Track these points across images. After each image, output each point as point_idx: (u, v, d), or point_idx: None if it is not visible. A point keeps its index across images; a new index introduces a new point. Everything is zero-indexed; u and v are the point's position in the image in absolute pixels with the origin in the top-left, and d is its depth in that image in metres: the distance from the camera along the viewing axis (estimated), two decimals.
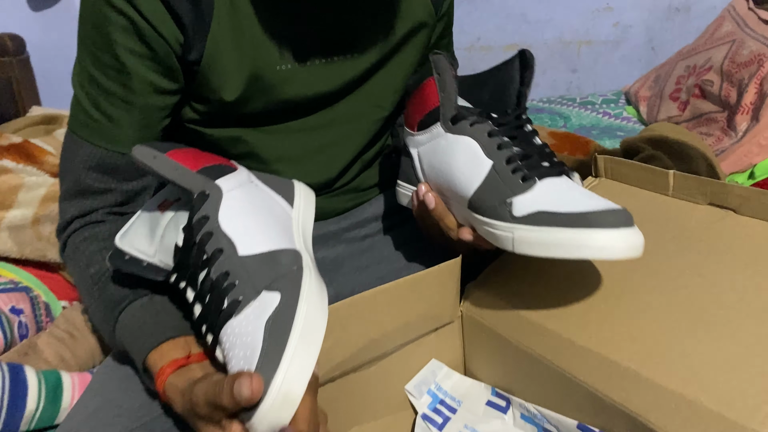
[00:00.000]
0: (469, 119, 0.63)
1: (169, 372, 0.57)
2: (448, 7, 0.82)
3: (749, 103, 1.29)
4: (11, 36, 1.75)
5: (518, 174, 0.59)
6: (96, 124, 0.66)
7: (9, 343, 0.89)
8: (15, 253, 0.98)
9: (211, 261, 0.52)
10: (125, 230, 0.60)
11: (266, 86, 0.70)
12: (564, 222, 0.55)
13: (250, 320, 0.49)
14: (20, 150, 1.11)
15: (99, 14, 0.63)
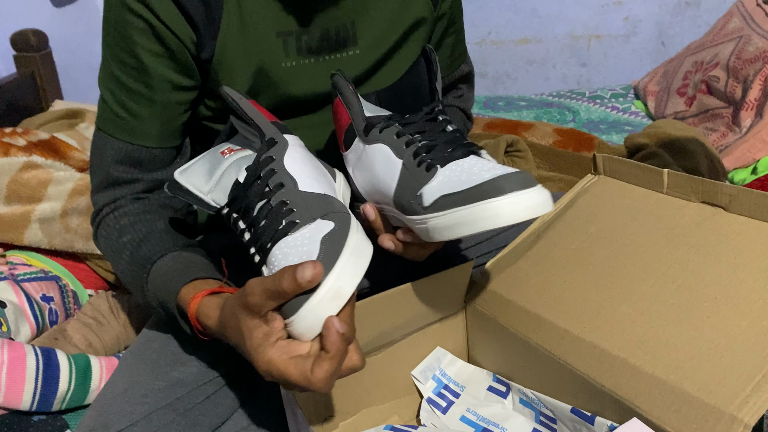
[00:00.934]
0: (377, 126, 0.64)
1: (201, 297, 0.61)
2: (451, 5, 0.83)
3: (754, 99, 1.31)
4: (34, 32, 1.80)
5: (423, 165, 0.59)
6: (121, 121, 0.72)
7: (41, 329, 0.95)
8: (45, 244, 1.03)
9: (272, 192, 0.58)
10: (185, 168, 0.65)
11: (272, 82, 0.74)
12: (463, 200, 0.55)
13: (306, 237, 0.54)
14: (48, 146, 1.16)
15: (119, 18, 0.68)
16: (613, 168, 0.79)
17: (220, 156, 0.64)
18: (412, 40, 0.79)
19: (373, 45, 0.77)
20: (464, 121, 0.95)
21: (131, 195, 0.74)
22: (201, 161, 0.65)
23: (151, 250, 0.69)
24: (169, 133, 0.74)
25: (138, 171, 0.74)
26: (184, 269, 0.66)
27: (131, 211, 0.73)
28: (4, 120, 1.66)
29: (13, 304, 0.92)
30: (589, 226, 0.74)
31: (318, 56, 0.75)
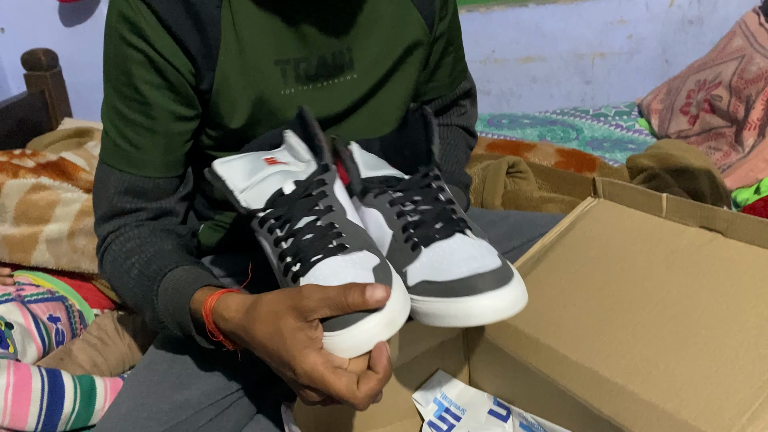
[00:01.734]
0: (373, 191, 0.65)
1: (220, 294, 0.62)
2: (448, 26, 0.84)
3: (756, 119, 1.32)
4: (45, 51, 1.82)
5: (409, 243, 0.61)
6: (124, 153, 0.73)
7: (47, 349, 0.96)
8: (52, 264, 1.04)
9: (322, 212, 0.60)
10: (226, 160, 0.66)
11: (272, 110, 0.75)
12: (441, 292, 0.57)
13: (356, 262, 0.57)
14: (56, 167, 1.18)
15: (119, 53, 0.70)
16: (613, 192, 0.79)
17: (263, 162, 0.65)
18: (408, 62, 0.81)
19: (369, 69, 0.78)
20: (466, 140, 0.95)
21: (135, 222, 0.75)
22: (243, 160, 0.66)
23: (161, 265, 0.70)
24: (172, 162, 0.75)
25: (142, 201, 0.75)
26: (197, 277, 0.67)
27: (137, 235, 0.74)
28: (15, 137, 1.68)
29: (20, 326, 0.93)
30: (589, 250, 0.75)
31: (316, 82, 0.76)
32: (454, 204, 0.65)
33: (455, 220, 0.62)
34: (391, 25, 0.78)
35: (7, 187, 1.08)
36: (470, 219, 0.65)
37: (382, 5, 0.76)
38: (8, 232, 1.06)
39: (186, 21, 0.68)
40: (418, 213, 0.62)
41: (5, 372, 0.80)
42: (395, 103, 0.82)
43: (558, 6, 1.93)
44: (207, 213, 0.87)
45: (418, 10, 0.79)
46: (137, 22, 0.68)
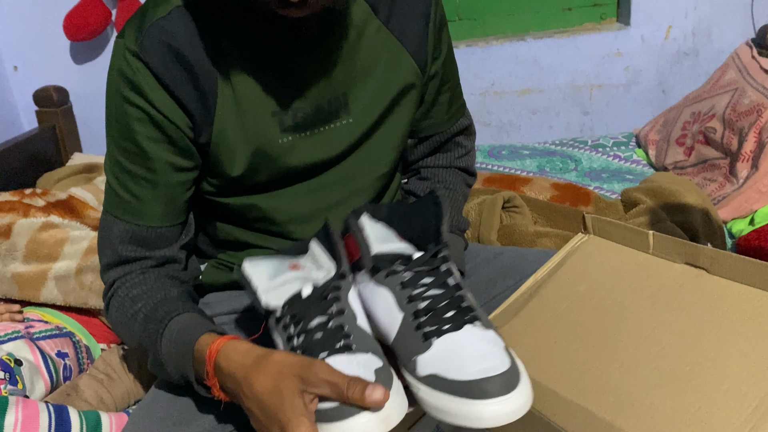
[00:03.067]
0: (384, 271, 0.66)
1: (227, 339, 0.65)
2: (443, 65, 0.87)
3: (749, 151, 1.34)
4: (56, 88, 1.87)
5: (420, 332, 0.63)
6: (126, 204, 0.76)
7: (55, 385, 0.99)
8: (60, 300, 1.08)
9: (333, 315, 0.64)
10: (255, 260, 0.71)
11: (270, 158, 0.78)
12: (452, 390, 0.59)
13: (360, 363, 0.61)
14: (65, 205, 1.22)
15: (119, 110, 0.74)
16: (602, 228, 0.81)
17: (287, 268, 0.70)
18: (402, 105, 0.84)
19: (364, 113, 0.81)
20: (466, 180, 0.97)
21: (140, 269, 0.78)
22: (269, 263, 0.71)
23: (168, 309, 0.73)
24: (173, 212, 0.78)
25: (145, 249, 0.78)
26: (204, 322, 0.71)
27: (143, 281, 0.77)
28: (26, 172, 1.72)
29: (29, 362, 0.96)
30: (579, 286, 0.77)
31: (313, 129, 0.79)
32: (462, 289, 0.67)
33: (465, 308, 0.64)
34: (384, 70, 0.81)
35: (18, 226, 1.12)
36: (478, 305, 0.67)
37: (375, 52, 0.80)
38: (18, 269, 1.09)
39: (182, 78, 0.72)
40: (429, 298, 0.64)
41: (14, 409, 0.83)
42: (391, 144, 0.85)
43: (555, 39, 1.97)
44: (211, 252, 0.90)
45: (410, 54, 0.82)
46: (136, 80, 0.71)
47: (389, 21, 0.80)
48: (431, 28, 0.83)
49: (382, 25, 0.80)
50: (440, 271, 0.67)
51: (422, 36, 0.82)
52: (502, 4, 2.04)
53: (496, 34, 2.05)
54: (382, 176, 0.87)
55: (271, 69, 0.76)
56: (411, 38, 0.82)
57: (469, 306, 0.65)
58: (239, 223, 0.84)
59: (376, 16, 0.80)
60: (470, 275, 0.91)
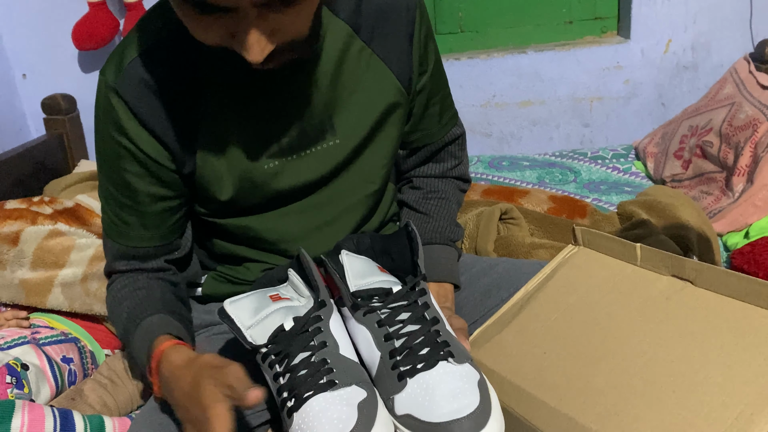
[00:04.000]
0: (362, 309, 0.69)
1: (165, 347, 0.72)
2: (430, 79, 0.88)
3: (745, 165, 1.36)
4: (64, 96, 1.90)
5: (395, 371, 0.65)
6: (117, 228, 0.82)
7: (60, 389, 1.01)
8: (66, 307, 1.10)
9: (316, 348, 0.66)
10: (236, 300, 0.73)
11: (257, 184, 0.81)
12: (425, 431, 0.62)
13: (344, 398, 0.63)
14: (72, 213, 1.25)
15: (106, 146, 0.78)
16: (592, 240, 0.84)
17: (268, 299, 0.73)
18: (388, 123, 0.85)
19: (350, 133, 0.82)
20: (459, 187, 0.99)
21: (134, 274, 0.83)
22: (250, 298, 0.73)
23: (143, 310, 0.79)
24: (160, 234, 0.83)
25: (137, 263, 0.83)
26: (167, 324, 0.77)
27: (133, 281, 0.83)
28: (34, 178, 1.75)
29: (35, 367, 0.98)
30: (569, 297, 0.79)
31: (299, 152, 0.81)
32: (439, 322, 0.69)
33: (440, 343, 0.66)
34: (368, 90, 0.82)
35: (26, 234, 1.15)
36: (453, 338, 0.69)
37: (358, 72, 0.81)
38: (26, 276, 1.11)
39: (160, 113, 0.75)
40: (405, 336, 0.67)
41: (20, 412, 0.85)
42: (379, 162, 0.86)
43: (556, 52, 2.00)
44: (210, 264, 0.92)
45: (394, 74, 0.83)
46: (116, 117, 0.75)
47: (372, 41, 0.81)
48: (416, 45, 0.83)
49: (364, 45, 0.81)
50: (417, 306, 0.69)
51: (406, 54, 0.83)
52: (504, 16, 2.06)
53: (498, 47, 2.08)
54: (373, 193, 0.89)
55: (252, 97, 0.77)
56: (394, 57, 0.82)
57: (445, 341, 0.67)
58: (235, 240, 0.87)
59: (357, 37, 0.80)
60: (466, 287, 0.93)
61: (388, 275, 0.74)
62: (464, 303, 0.91)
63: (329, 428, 0.60)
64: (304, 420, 0.62)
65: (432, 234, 0.91)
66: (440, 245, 0.91)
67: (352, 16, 0.80)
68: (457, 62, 2.02)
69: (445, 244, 0.91)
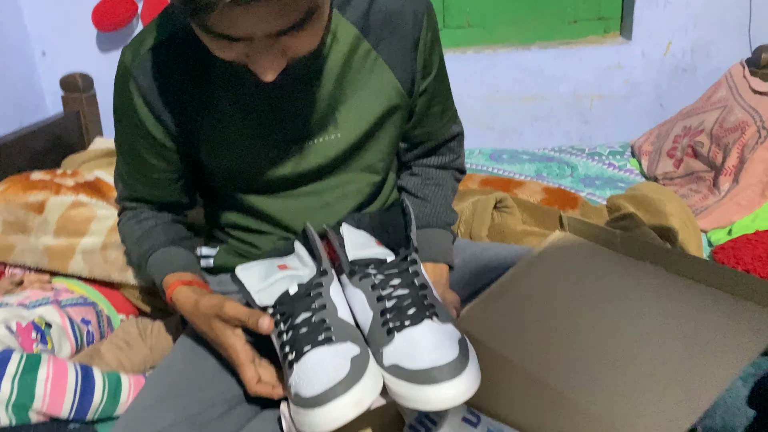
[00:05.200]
0: (358, 274, 0.76)
1: (177, 284, 0.85)
2: (433, 81, 0.93)
3: (732, 166, 1.43)
4: (81, 75, 1.97)
5: (385, 327, 0.72)
6: (124, 179, 0.94)
7: (79, 348, 1.09)
8: (86, 273, 1.17)
9: (316, 310, 0.73)
10: (246, 266, 0.83)
11: (259, 169, 0.88)
12: (408, 378, 0.68)
13: (339, 352, 0.70)
14: (93, 186, 1.32)
15: (118, 113, 0.87)
16: (577, 227, 0.91)
17: (276, 268, 0.80)
18: (388, 123, 0.90)
19: (351, 129, 0.88)
20: (455, 177, 1.05)
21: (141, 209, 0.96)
22: (260, 266, 0.82)
23: (149, 246, 0.92)
24: (162, 194, 0.94)
25: (144, 204, 0.95)
26: (168, 263, 0.89)
27: (137, 215, 0.95)
28: (51, 154, 1.82)
29: (57, 326, 1.05)
30: (553, 277, 0.86)
31: (302, 143, 0.87)
32: (427, 288, 0.76)
33: (425, 305, 0.73)
34: (371, 90, 0.87)
35: (51, 203, 1.22)
36: (439, 302, 0.76)
37: (363, 73, 0.86)
38: (49, 243, 1.19)
39: (168, 99, 0.82)
40: (395, 298, 0.74)
41: (46, 365, 0.92)
42: (379, 156, 0.92)
43: (559, 50, 2.06)
44: (221, 236, 0.99)
45: (397, 78, 0.88)
46: (130, 98, 0.83)
47: (378, 44, 0.86)
48: (421, 50, 0.88)
49: (371, 48, 0.86)
50: (408, 273, 0.76)
51: (410, 59, 0.88)
52: (511, 13, 2.12)
53: (504, 43, 2.14)
54: (373, 183, 0.94)
55: (259, 90, 0.83)
56: (399, 61, 0.87)
57: (431, 304, 0.74)
58: (243, 214, 0.94)
59: (365, 40, 0.85)
60: (460, 268, 1.00)
61: (383, 248, 0.81)
62: (457, 282, 0.98)
63: (324, 377, 0.67)
64: (302, 369, 0.69)
65: (429, 218, 0.98)
66: (436, 228, 0.98)
67: (361, 20, 0.85)
68: (464, 56, 2.07)
69: (441, 228, 0.98)
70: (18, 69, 2.07)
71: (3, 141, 1.67)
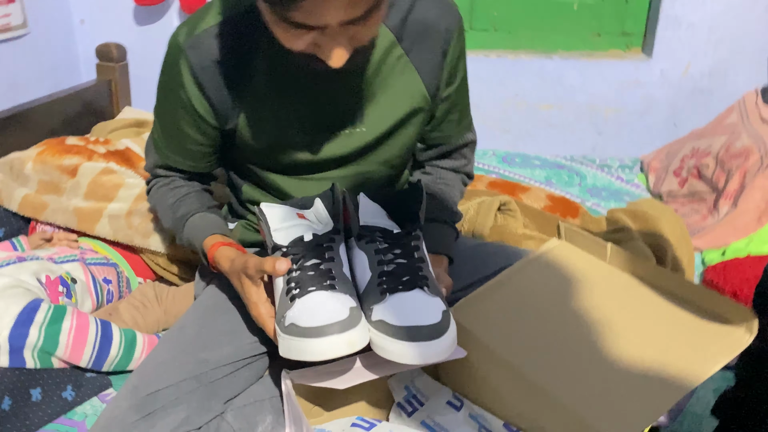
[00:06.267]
0: (365, 238, 0.84)
1: (218, 245, 0.92)
2: (456, 90, 1.00)
3: (733, 190, 1.48)
4: (116, 45, 2.04)
5: (380, 288, 0.79)
6: (159, 149, 1.00)
7: (99, 304, 1.17)
8: (110, 236, 1.25)
9: (326, 260, 0.81)
10: (271, 205, 0.89)
11: (288, 151, 0.95)
12: (390, 333, 0.75)
13: (338, 299, 0.77)
14: (123, 156, 1.39)
15: (166, 86, 0.95)
16: (572, 237, 0.97)
17: (296, 216, 0.88)
18: (410, 123, 0.98)
19: (376, 125, 0.95)
20: (463, 181, 1.11)
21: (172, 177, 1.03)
22: (282, 209, 0.88)
23: (185, 211, 0.98)
24: (195, 164, 1.00)
25: (175, 172, 1.02)
26: (205, 227, 0.96)
27: (170, 182, 1.02)
28: (81, 119, 1.89)
29: (81, 282, 1.13)
30: (544, 281, 0.93)
31: (330, 132, 0.95)
32: (424, 262, 0.83)
33: (419, 276, 0.81)
34: (398, 92, 0.94)
35: (83, 168, 1.30)
36: (432, 277, 0.83)
37: (393, 76, 0.94)
38: (79, 205, 1.27)
39: (215, 79, 0.89)
40: (394, 264, 0.81)
41: (70, 317, 1.00)
42: (399, 152, 1.00)
43: (580, 61, 2.10)
44: (241, 211, 1.07)
45: (424, 83, 0.95)
46: (179, 74, 0.90)
47: (411, 51, 0.93)
48: (448, 61, 0.96)
49: (404, 53, 0.93)
50: (410, 246, 0.83)
51: (438, 68, 0.95)
52: (537, 20, 2.16)
53: (527, 49, 2.18)
54: (389, 176, 1.03)
55: (297, 78, 0.90)
56: (427, 69, 0.95)
57: (424, 275, 0.81)
58: (264, 190, 1.02)
59: (399, 45, 0.93)
60: (460, 263, 1.06)
61: (392, 222, 0.88)
62: (456, 274, 1.04)
63: (324, 314, 0.75)
64: (304, 304, 0.77)
65: (435, 213, 1.05)
66: (441, 223, 1.04)
67: (398, 26, 0.92)
68: (487, 59, 2.12)
69: (445, 223, 1.05)
70: (57, 35, 2.15)
71: (38, 103, 1.75)
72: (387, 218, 0.89)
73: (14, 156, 1.36)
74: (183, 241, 1.00)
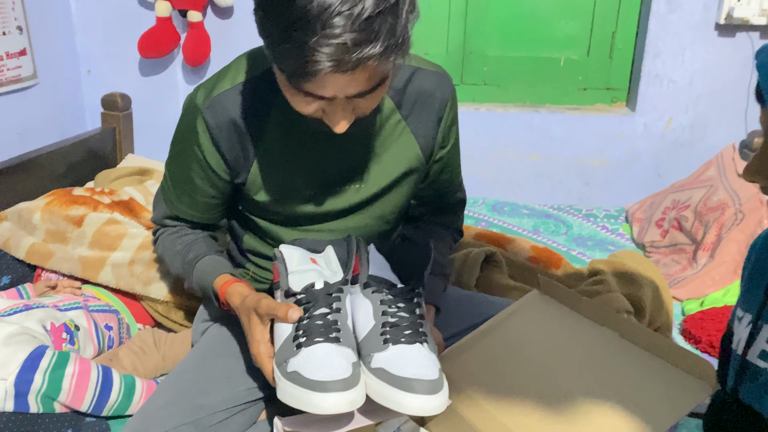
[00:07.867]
0: (372, 287, 0.89)
1: (231, 282, 0.97)
2: (448, 153, 1.08)
3: (710, 242, 1.54)
4: (121, 95, 2.12)
5: (383, 337, 0.85)
6: (169, 201, 1.06)
7: (100, 350, 1.21)
8: (113, 283, 1.30)
9: (333, 310, 0.86)
10: (289, 247, 0.95)
11: (293, 203, 1.02)
12: (390, 381, 0.80)
13: (342, 353, 0.82)
14: (126, 206, 1.46)
15: (183, 143, 1.01)
16: (551, 290, 1.03)
17: (309, 260, 0.93)
18: (405, 182, 1.05)
19: (373, 182, 1.03)
20: (453, 237, 1.18)
21: (180, 227, 1.08)
22: (298, 252, 0.94)
23: (194, 255, 1.03)
24: (203, 216, 1.06)
25: (183, 223, 1.08)
26: (215, 269, 1.01)
27: (177, 231, 1.08)
28: (85, 166, 1.96)
29: (84, 329, 1.18)
30: (523, 332, 0.98)
31: (331, 188, 1.02)
32: (424, 320, 0.89)
33: (420, 332, 0.86)
34: (395, 153, 1.02)
35: (89, 218, 1.36)
36: (430, 334, 0.89)
37: (391, 139, 1.02)
38: (84, 253, 1.32)
39: (231, 139, 0.97)
40: (397, 317, 0.87)
41: (73, 363, 1.05)
42: (393, 209, 1.07)
43: (566, 115, 2.19)
44: (241, 260, 1.13)
45: (419, 146, 1.03)
46: (196, 133, 0.97)
47: (409, 116, 1.01)
48: (442, 127, 1.04)
49: (402, 119, 1.01)
50: (412, 302, 0.89)
51: (433, 132, 1.03)
52: (525, 75, 2.26)
53: (515, 102, 2.28)
54: (384, 231, 1.09)
55: (306, 138, 0.98)
56: (422, 133, 1.02)
57: (424, 332, 0.87)
58: (264, 240, 1.08)
59: (398, 111, 1.01)
60: (447, 313, 1.11)
61: (394, 276, 0.93)
62: (443, 324, 1.10)
63: (329, 369, 0.79)
64: (309, 356, 0.81)
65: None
66: (431, 275, 1.10)
67: (398, 94, 1.00)
68: (477, 112, 2.22)
69: (435, 275, 1.10)
70: (65, 85, 2.24)
71: (44, 151, 1.82)
72: (390, 271, 0.94)
73: (23, 206, 1.43)
74: (192, 283, 1.05)
